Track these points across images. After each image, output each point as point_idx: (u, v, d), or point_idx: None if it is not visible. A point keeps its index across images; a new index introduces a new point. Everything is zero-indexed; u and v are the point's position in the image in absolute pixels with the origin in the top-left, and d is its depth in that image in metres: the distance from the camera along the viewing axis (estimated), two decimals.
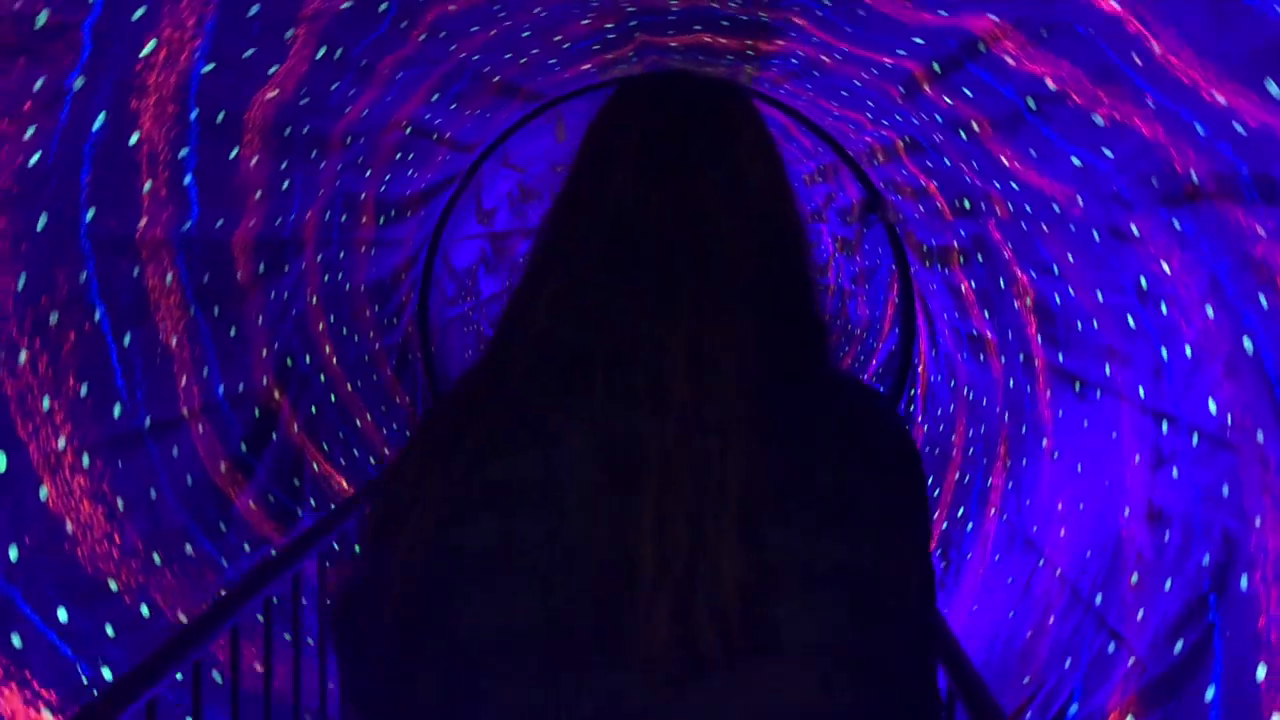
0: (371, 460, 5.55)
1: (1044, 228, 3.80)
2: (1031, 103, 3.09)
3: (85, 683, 2.81)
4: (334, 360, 5.36)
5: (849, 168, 6.55)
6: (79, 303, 2.91)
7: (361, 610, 1.01)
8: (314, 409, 4.99)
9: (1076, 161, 3.09)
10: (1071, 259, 3.78)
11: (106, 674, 2.89)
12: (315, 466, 4.85)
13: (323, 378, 5.19)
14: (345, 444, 5.26)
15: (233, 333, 4.08)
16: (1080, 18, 2.49)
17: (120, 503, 3.17)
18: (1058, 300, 4.22)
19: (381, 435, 5.87)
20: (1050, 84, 2.92)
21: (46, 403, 2.80)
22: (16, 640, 2.63)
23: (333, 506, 4.81)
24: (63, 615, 2.83)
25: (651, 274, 0.99)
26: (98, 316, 3.07)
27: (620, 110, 1.10)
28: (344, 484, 5.07)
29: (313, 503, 4.65)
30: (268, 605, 2.90)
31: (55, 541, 2.86)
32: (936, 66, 3.63)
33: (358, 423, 5.58)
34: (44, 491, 2.83)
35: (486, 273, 9.45)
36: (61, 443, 2.90)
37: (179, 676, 2.34)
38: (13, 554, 2.68)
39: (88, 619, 2.90)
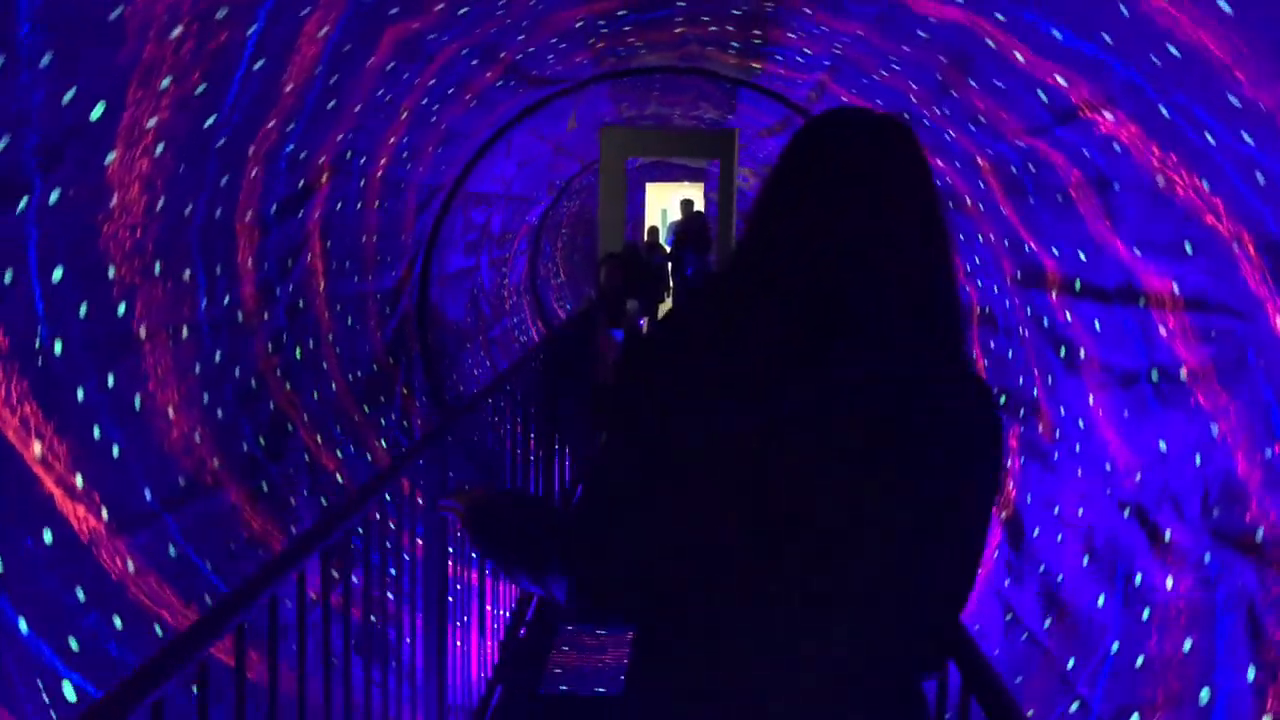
0: (355, 279, 5.44)
1: (1078, 472, 3.83)
2: (1155, 375, 3.11)
3: (37, 346, 2.71)
4: (378, 176, 5.24)
5: None
6: (235, 51, 2.82)
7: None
8: (339, 206, 4.87)
9: (1163, 446, 3.12)
10: (1081, 514, 3.82)
11: (58, 348, 2.79)
12: (308, 258, 4.73)
13: (362, 183, 5.07)
14: (344, 252, 5.14)
15: (331, 105, 3.97)
16: (1270, 360, 2.50)
17: (161, 202, 3.06)
18: (1034, 534, 4.27)
19: (375, 262, 5.76)
20: (1184, 373, 2.95)
21: (166, 83, 2.69)
22: (8, 276, 2.52)
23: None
24: (57, 274, 2.73)
25: (810, 278, 1.25)
26: (244, 56, 2.97)
27: (808, 134, 1.35)
28: (321, 286, 4.95)
29: (290, 288, 4.54)
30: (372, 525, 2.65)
31: (94, 208, 2.75)
32: (1078, 284, 3.63)
33: (363, 239, 5.46)
34: (111, 156, 2.72)
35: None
36: (152, 122, 2.79)
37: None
38: (54, 196, 2.57)
39: (75, 289, 2.79)
